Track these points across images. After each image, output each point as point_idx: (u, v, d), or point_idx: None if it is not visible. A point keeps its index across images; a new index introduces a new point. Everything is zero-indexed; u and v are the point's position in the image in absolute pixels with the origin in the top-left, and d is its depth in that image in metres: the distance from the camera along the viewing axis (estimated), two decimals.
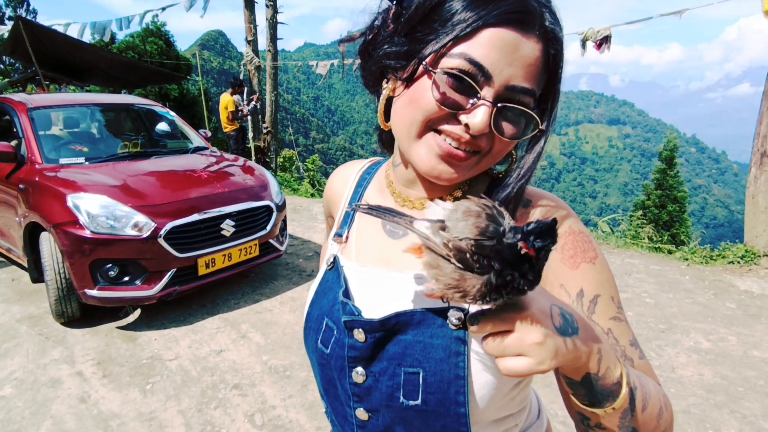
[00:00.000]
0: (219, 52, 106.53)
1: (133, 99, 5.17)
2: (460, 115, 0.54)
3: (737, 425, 2.37)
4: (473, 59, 0.52)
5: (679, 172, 15.45)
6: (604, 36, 5.08)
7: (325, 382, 0.69)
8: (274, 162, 10.13)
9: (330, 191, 0.83)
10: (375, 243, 0.69)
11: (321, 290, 0.72)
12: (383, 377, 0.60)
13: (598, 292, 0.58)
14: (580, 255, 0.59)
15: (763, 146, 4.35)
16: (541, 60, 0.54)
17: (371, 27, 0.63)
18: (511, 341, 0.43)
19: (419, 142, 0.59)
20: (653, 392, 0.54)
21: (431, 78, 0.54)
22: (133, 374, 2.80)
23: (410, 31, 0.57)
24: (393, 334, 0.60)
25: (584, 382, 0.49)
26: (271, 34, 9.64)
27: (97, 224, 3.04)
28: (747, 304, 3.73)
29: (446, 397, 0.57)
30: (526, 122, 0.56)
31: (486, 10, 0.51)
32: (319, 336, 0.68)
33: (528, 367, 0.42)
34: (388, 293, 0.63)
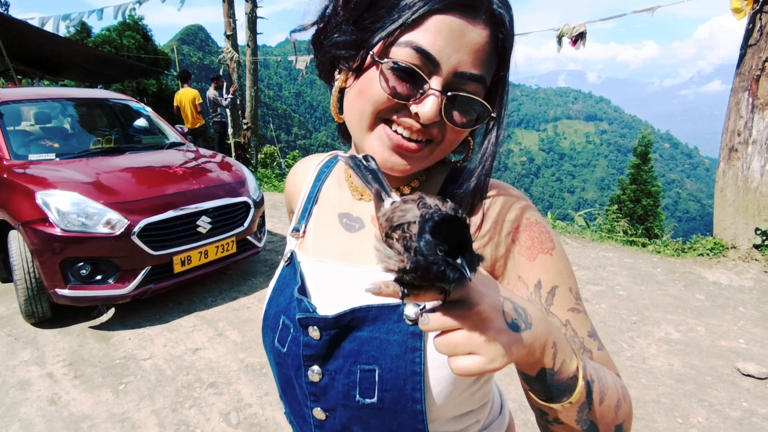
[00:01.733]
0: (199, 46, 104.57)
1: (108, 94, 5.04)
2: (410, 104, 0.54)
3: (705, 413, 2.45)
4: (420, 47, 0.51)
5: (653, 168, 15.82)
6: (580, 32, 5.16)
7: (283, 382, 0.68)
8: (255, 158, 10.01)
9: (290, 186, 0.82)
10: (331, 237, 0.68)
11: (278, 287, 0.70)
12: (339, 375, 0.59)
13: (556, 283, 0.57)
14: (537, 246, 0.58)
15: (731, 142, 4.48)
16: (489, 45, 0.54)
17: (323, 15, 0.60)
18: (461, 339, 0.41)
19: (371, 135, 0.58)
20: (611, 384, 0.53)
21: (379, 69, 0.53)
22: (106, 375, 2.75)
23: (358, 19, 0.55)
24: (348, 331, 0.59)
25: (539, 378, 0.48)
26: (250, 29, 9.50)
27: (68, 222, 2.96)
28: (715, 295, 3.84)
29: (402, 394, 0.56)
30: (477, 110, 0.55)
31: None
32: (276, 334, 0.66)
33: (479, 365, 0.41)
34: (344, 288, 0.62)
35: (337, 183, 0.73)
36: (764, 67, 4.18)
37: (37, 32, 8.30)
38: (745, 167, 4.37)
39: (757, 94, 4.25)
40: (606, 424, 0.52)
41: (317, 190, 0.75)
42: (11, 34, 7.54)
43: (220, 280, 3.99)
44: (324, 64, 0.63)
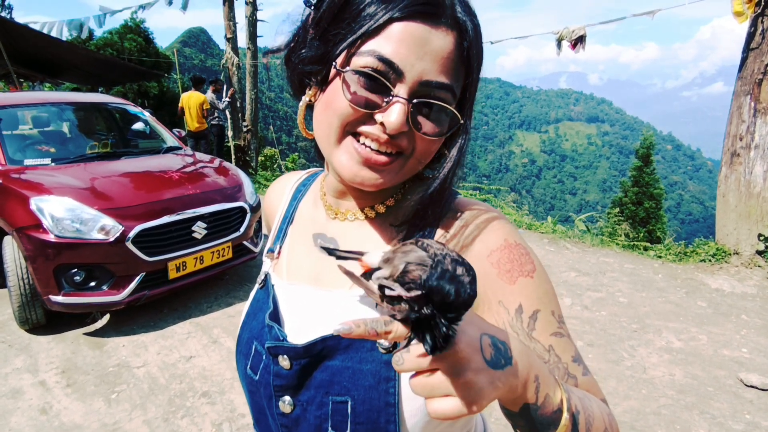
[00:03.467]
0: (201, 49, 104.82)
1: (105, 98, 5.03)
2: (376, 114, 0.52)
3: (707, 426, 2.41)
4: (382, 56, 0.49)
5: (655, 170, 15.77)
6: (579, 36, 5.13)
7: (256, 411, 0.65)
8: (255, 160, 9.99)
9: (267, 205, 0.80)
10: (306, 259, 0.66)
11: (251, 311, 0.68)
12: (311, 407, 0.57)
13: (538, 307, 0.55)
14: (517, 269, 0.55)
15: (733, 146, 4.43)
16: (455, 53, 0.52)
17: (294, 35, 0.59)
18: (437, 381, 0.38)
19: (339, 149, 0.55)
20: (597, 413, 0.51)
21: (343, 79, 0.51)
22: (99, 383, 2.71)
23: (323, 33, 0.54)
24: (320, 360, 0.56)
25: (523, 413, 0.46)
26: (250, 32, 9.50)
27: (62, 228, 2.93)
28: (718, 303, 3.79)
29: (376, 427, 0.54)
30: (447, 118, 0.53)
31: (393, 3, 0.49)
32: (249, 361, 0.63)
33: (457, 408, 0.38)
34: (317, 314, 0.60)
35: (312, 202, 0.71)
36: (766, 70, 4.14)
37: (38, 35, 8.31)
38: (747, 172, 4.32)
39: (760, 98, 4.21)
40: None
41: (293, 209, 0.73)
42: (12, 37, 7.56)
43: (216, 285, 3.96)
44: (293, 80, 0.61)
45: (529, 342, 0.54)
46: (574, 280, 4.30)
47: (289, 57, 0.60)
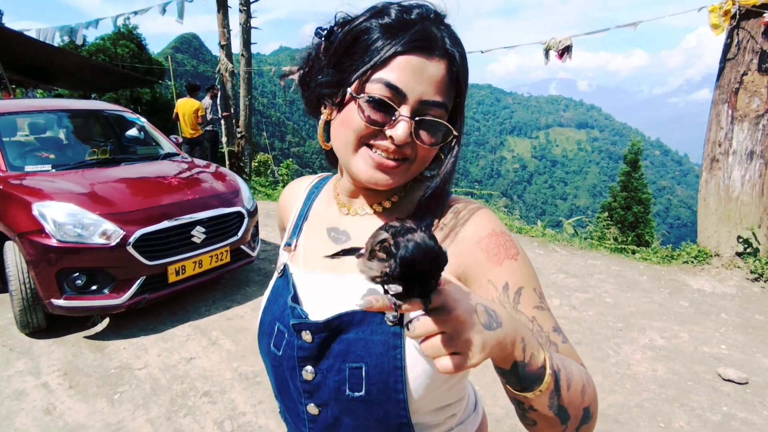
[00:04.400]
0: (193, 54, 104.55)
1: (102, 105, 5.08)
2: (386, 129, 0.63)
3: (686, 418, 2.53)
4: (389, 82, 0.61)
5: (643, 175, 16.04)
6: (566, 46, 5.31)
7: (278, 383, 0.75)
8: (248, 166, 10.06)
9: (283, 205, 0.91)
10: (320, 249, 0.75)
11: (272, 297, 0.78)
12: (330, 373, 0.67)
13: (522, 284, 0.64)
14: (503, 253, 0.66)
15: (713, 152, 4.62)
16: (447, 77, 0.64)
17: (307, 60, 0.71)
18: (443, 342, 0.46)
19: (356, 156, 0.67)
20: (575, 372, 0.60)
21: (358, 103, 0.63)
22: (101, 384, 2.78)
23: (337, 63, 0.66)
24: (337, 334, 0.66)
25: (513, 370, 0.54)
26: (244, 39, 9.60)
27: (64, 233, 3.00)
28: (699, 302, 3.95)
29: (387, 386, 0.64)
30: (441, 131, 0.65)
31: (395, 40, 0.61)
32: (272, 340, 0.73)
33: (460, 363, 0.46)
34: (333, 296, 0.70)
35: (326, 202, 0.82)
36: (742, 80, 4.33)
37: (31, 42, 8.33)
38: (726, 177, 4.51)
39: (736, 106, 4.40)
40: (575, 408, 0.58)
41: (308, 208, 0.84)
42: (5, 43, 7.58)
43: (214, 289, 4.03)
44: (311, 100, 0.73)
45: (515, 314, 0.63)
46: (562, 281, 4.43)
47: (305, 80, 0.72)
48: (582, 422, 0.60)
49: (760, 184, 4.39)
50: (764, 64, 4.23)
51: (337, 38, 0.66)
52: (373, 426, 0.67)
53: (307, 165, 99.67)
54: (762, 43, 4.20)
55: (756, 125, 4.35)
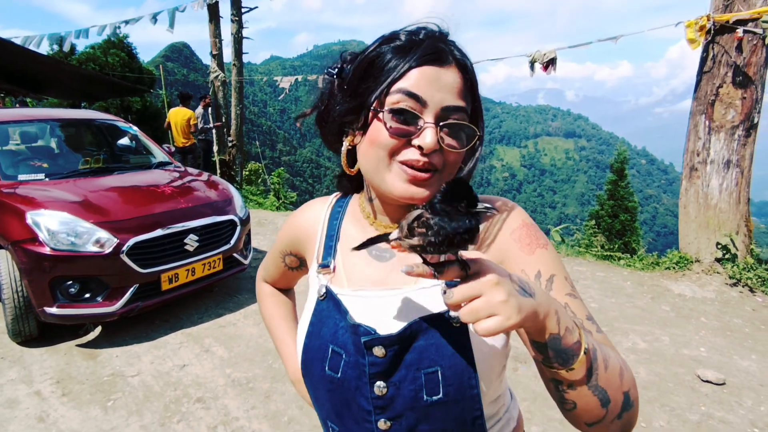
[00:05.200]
0: (184, 63, 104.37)
1: (94, 114, 5.12)
2: (413, 139, 0.65)
3: (666, 417, 2.62)
4: (408, 90, 0.64)
5: (629, 183, 16.34)
6: (550, 58, 5.48)
7: (337, 406, 0.73)
8: (240, 175, 10.09)
9: (301, 225, 0.89)
10: (366, 269, 0.77)
11: (317, 321, 0.76)
12: (404, 383, 0.67)
13: (554, 272, 0.67)
14: (534, 242, 0.69)
15: (692, 161, 4.78)
16: (462, 84, 0.67)
17: (321, 100, 0.76)
18: (481, 305, 0.48)
19: (390, 174, 0.68)
20: (612, 355, 0.60)
21: (381, 119, 0.66)
22: (94, 392, 2.80)
23: (354, 90, 0.69)
24: (408, 344, 0.67)
25: (549, 343, 0.55)
26: (236, 49, 9.69)
27: (58, 241, 3.03)
28: (680, 307, 4.07)
29: (462, 384, 0.66)
30: (465, 134, 0.68)
31: (409, 56, 0.65)
32: (326, 363, 0.72)
33: (499, 323, 0.48)
34: (391, 310, 0.71)
35: (355, 222, 0.82)
36: (718, 92, 4.51)
37: (21, 50, 8.32)
38: (704, 185, 4.67)
39: (713, 117, 4.57)
40: (614, 390, 0.58)
41: (337, 229, 0.83)
42: None
43: (207, 297, 4.07)
44: (332, 134, 0.76)
45: None
46: None
47: (322, 117, 0.76)
48: (623, 408, 0.60)
49: (736, 192, 4.56)
50: (738, 77, 4.41)
51: (349, 72, 0.71)
52: (450, 426, 0.68)
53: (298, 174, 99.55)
54: (736, 57, 4.39)
55: (732, 135, 4.53)
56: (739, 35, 4.27)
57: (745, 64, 4.37)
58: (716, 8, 4.49)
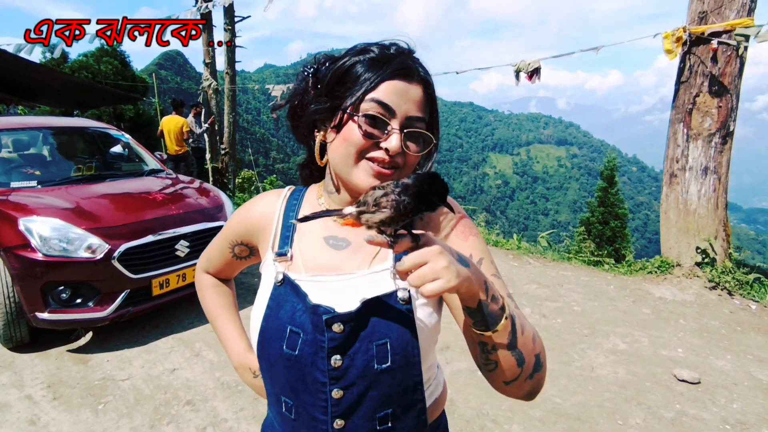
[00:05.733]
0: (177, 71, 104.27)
1: (87, 122, 5.18)
2: (381, 142, 0.76)
3: (642, 415, 2.72)
4: (380, 100, 0.75)
5: (619, 190, 16.54)
6: (535, 68, 5.64)
7: (293, 381, 0.80)
8: (232, 183, 10.15)
9: (254, 218, 0.94)
10: (321, 256, 0.85)
11: (274, 305, 0.82)
12: (358, 354, 0.75)
13: (482, 256, 0.80)
14: (468, 232, 0.83)
15: (671, 168, 4.93)
16: (424, 98, 0.79)
17: (296, 95, 0.86)
18: (427, 270, 0.57)
19: (357, 168, 0.78)
20: (528, 323, 0.72)
21: (356, 121, 0.76)
22: (85, 395, 2.84)
23: (330, 93, 0.79)
24: (363, 319, 0.76)
25: (479, 308, 0.65)
26: (229, 58, 9.80)
27: (50, 247, 3.08)
28: (660, 309, 4.18)
29: (407, 353, 0.76)
30: (424, 140, 0.80)
31: (381, 70, 0.75)
32: (284, 343, 0.79)
33: (441, 285, 0.57)
34: (346, 292, 0.79)
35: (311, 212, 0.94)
36: (695, 101, 4.67)
37: (14, 59, 8.36)
38: (684, 191, 4.81)
39: (691, 125, 4.73)
40: (528, 352, 0.70)
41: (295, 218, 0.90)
42: None
43: (197, 303, 4.06)
44: (302, 127, 0.86)
45: None
46: (534, 291, 4.64)
47: (296, 112, 0.85)
48: (535, 369, 0.71)
49: (714, 197, 4.70)
50: (714, 86, 4.57)
51: (326, 73, 0.80)
52: (395, 390, 0.78)
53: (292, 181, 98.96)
54: (711, 67, 4.55)
55: (709, 143, 4.68)
56: (714, 46, 4.43)
57: (720, 74, 4.53)
58: (692, 20, 4.66)
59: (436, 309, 0.83)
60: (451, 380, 3.01)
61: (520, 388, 0.73)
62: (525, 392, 0.74)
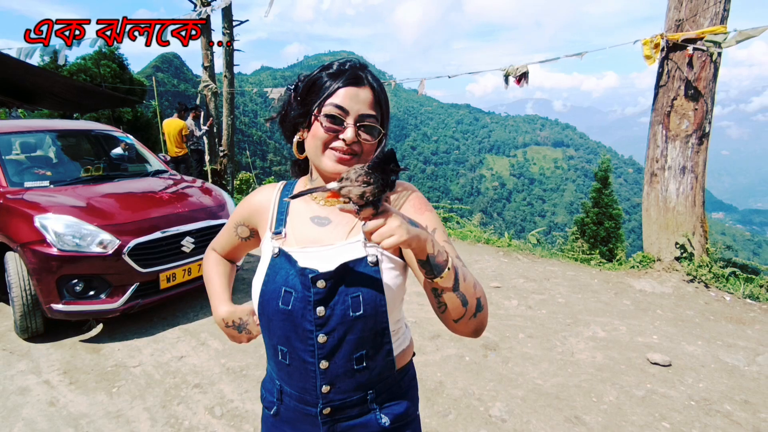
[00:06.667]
0: (174, 74, 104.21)
1: (91, 125, 5.38)
2: (340, 135, 0.96)
3: (615, 394, 2.95)
4: (337, 104, 0.95)
5: (613, 191, 16.81)
6: (522, 72, 5.89)
7: (287, 331, 0.98)
8: (231, 184, 10.35)
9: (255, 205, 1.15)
10: (309, 232, 1.03)
11: (272, 272, 1.01)
12: (337, 305, 0.94)
13: (435, 226, 0.98)
14: (424, 207, 1.02)
15: (652, 167, 5.18)
16: (373, 99, 0.98)
17: (283, 106, 1.08)
18: (385, 229, 0.75)
19: (324, 157, 0.99)
20: (469, 273, 0.91)
21: (319, 120, 0.97)
22: (99, 380, 3.05)
23: (303, 101, 1.01)
24: (340, 277, 0.95)
25: (428, 260, 0.83)
26: (227, 61, 10.01)
27: (64, 242, 3.29)
28: (640, 301, 4.42)
29: (376, 304, 0.95)
30: (375, 131, 0.99)
31: (337, 80, 0.96)
32: (279, 300, 0.97)
33: (396, 239, 0.75)
34: (327, 258, 0.98)
35: (303, 200, 1.10)
36: (673, 104, 4.93)
37: (15, 62, 8.55)
38: (663, 189, 5.06)
39: (669, 127, 4.98)
40: (470, 296, 0.89)
41: (287, 205, 1.10)
42: None
43: (201, 296, 4.33)
44: (288, 130, 1.08)
45: None
46: (522, 285, 4.87)
47: (283, 119, 1.07)
48: (477, 309, 0.91)
49: (692, 195, 4.95)
50: (690, 90, 4.83)
51: (300, 88, 1.02)
52: (367, 335, 0.96)
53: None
54: (687, 72, 4.81)
55: (686, 144, 4.93)
56: (690, 53, 4.69)
57: (695, 78, 4.79)
58: (669, 28, 4.92)
59: (401, 272, 1.00)
60: (440, 365, 3.24)
61: (467, 326, 0.92)
62: (471, 329, 0.93)
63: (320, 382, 0.99)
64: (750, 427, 2.61)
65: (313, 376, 0.98)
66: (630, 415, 2.71)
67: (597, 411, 2.75)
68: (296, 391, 1.02)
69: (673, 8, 4.86)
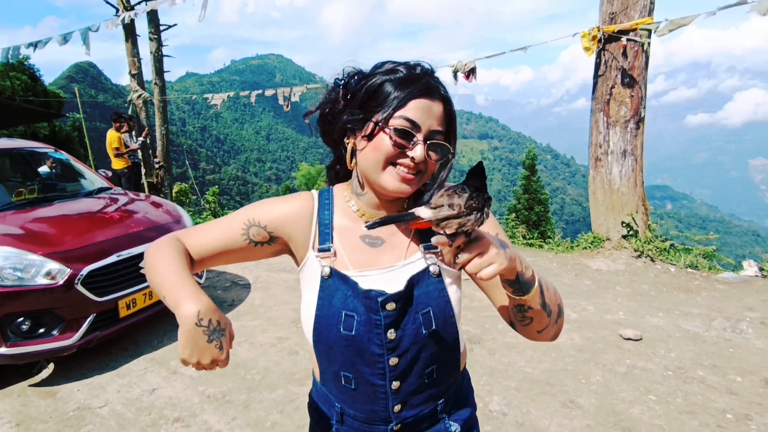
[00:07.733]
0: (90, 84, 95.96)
1: (18, 142, 4.79)
2: (407, 152, 0.86)
3: (600, 373, 3.09)
4: (409, 118, 0.85)
5: (540, 178, 17.86)
6: (471, 68, 6.06)
7: (351, 357, 0.91)
8: (169, 197, 9.71)
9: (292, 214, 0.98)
10: (362, 254, 0.95)
11: (326, 295, 0.92)
12: (408, 325, 0.90)
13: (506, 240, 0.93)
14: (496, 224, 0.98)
15: (596, 152, 5.53)
16: (444, 113, 0.89)
17: (326, 103, 0.95)
18: (483, 259, 0.73)
19: (384, 173, 0.88)
20: (547, 280, 0.90)
21: (387, 133, 0.86)
22: (61, 428, 2.70)
23: (362, 106, 0.89)
24: (409, 296, 0.90)
25: (517, 279, 0.81)
26: (156, 68, 9.37)
27: (3, 277, 2.90)
28: (599, 280, 4.70)
29: (446, 317, 0.92)
30: (443, 150, 0.90)
31: (408, 89, 0.85)
32: (341, 326, 0.90)
33: (497, 268, 0.73)
34: (389, 280, 0.92)
35: (344, 215, 0.99)
36: (611, 92, 5.28)
37: None
38: (608, 173, 5.41)
39: (609, 113, 5.34)
40: (553, 304, 0.89)
41: (329, 220, 0.98)
42: None
43: (164, 321, 4.00)
44: (333, 133, 0.96)
45: None
46: None
47: (326, 118, 0.95)
48: (558, 315, 0.92)
49: (633, 176, 5.34)
50: (626, 79, 5.20)
51: (357, 88, 0.90)
52: (441, 349, 0.94)
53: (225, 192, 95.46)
54: (622, 62, 5.17)
55: (626, 129, 5.31)
56: (624, 43, 5.04)
57: (630, 67, 5.16)
58: (603, 21, 5.26)
59: (457, 281, 0.97)
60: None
61: (548, 333, 0.93)
62: (551, 336, 0.94)
63: (392, 403, 0.94)
64: (724, 390, 2.84)
65: (384, 398, 0.93)
66: (618, 392, 2.85)
67: (588, 392, 2.87)
68: (363, 414, 0.96)
69: (606, 2, 5.20)
